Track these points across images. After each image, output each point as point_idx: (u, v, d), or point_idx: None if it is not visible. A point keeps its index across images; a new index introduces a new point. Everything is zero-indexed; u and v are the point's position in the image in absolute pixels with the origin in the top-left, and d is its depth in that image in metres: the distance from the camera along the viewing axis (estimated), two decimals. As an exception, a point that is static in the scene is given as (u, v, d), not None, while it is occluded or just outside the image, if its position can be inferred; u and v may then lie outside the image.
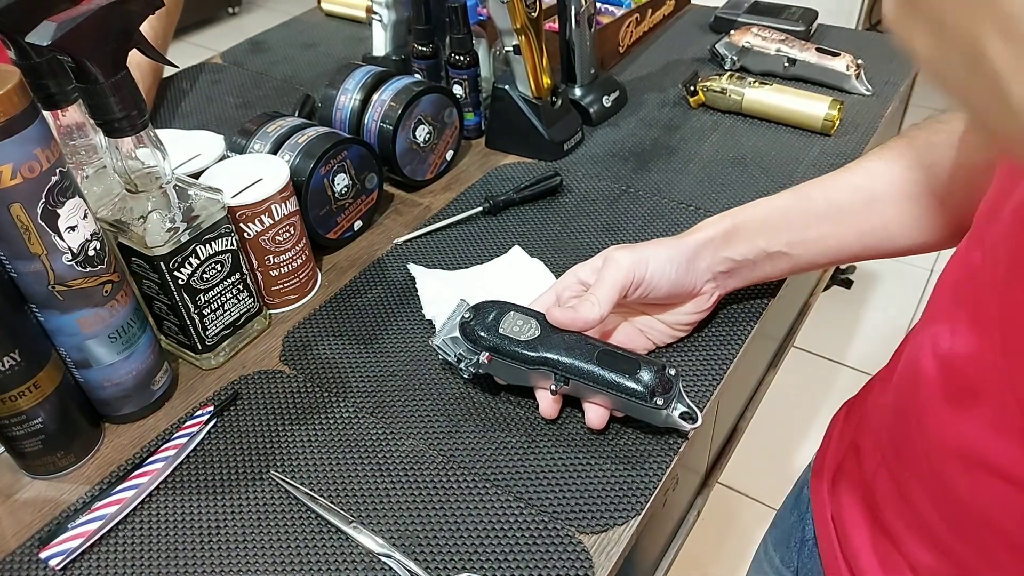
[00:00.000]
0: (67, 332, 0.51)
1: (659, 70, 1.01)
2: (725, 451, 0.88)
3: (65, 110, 0.56)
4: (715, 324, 0.62)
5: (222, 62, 1.10)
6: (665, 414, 0.50)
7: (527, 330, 0.53)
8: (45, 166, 0.45)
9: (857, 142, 0.84)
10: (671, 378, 0.51)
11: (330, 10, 1.21)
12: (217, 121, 0.94)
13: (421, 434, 0.55)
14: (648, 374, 0.50)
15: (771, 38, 0.96)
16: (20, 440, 0.51)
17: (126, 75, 0.48)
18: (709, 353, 0.60)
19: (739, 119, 0.90)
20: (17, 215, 0.45)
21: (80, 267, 0.49)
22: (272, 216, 0.61)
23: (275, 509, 0.50)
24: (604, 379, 0.50)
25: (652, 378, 0.50)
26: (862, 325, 1.85)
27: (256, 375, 0.60)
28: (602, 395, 0.51)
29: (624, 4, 1.08)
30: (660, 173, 0.81)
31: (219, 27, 3.42)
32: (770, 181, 0.79)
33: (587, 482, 0.51)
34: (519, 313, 0.54)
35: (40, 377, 0.49)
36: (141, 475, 0.52)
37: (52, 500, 0.52)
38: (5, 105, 0.42)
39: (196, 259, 0.55)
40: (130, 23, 0.48)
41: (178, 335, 0.59)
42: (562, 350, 0.51)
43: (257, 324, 0.64)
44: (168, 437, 0.55)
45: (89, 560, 0.48)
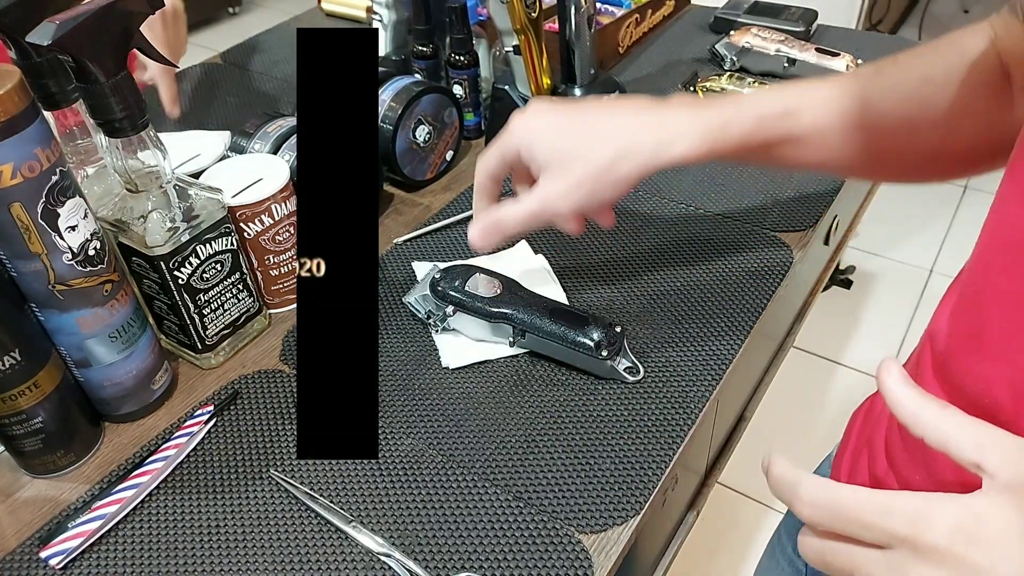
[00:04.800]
0: (67, 331, 0.51)
1: (659, 70, 1.01)
2: (725, 451, 0.88)
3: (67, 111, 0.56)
4: (715, 324, 0.62)
5: (222, 62, 1.10)
6: (610, 366, 0.56)
7: (490, 289, 0.59)
8: (45, 166, 0.45)
9: (857, 142, 0.84)
10: (617, 335, 0.57)
11: (330, 10, 1.21)
12: (217, 121, 0.94)
13: (421, 433, 0.55)
14: (597, 331, 0.56)
15: (771, 38, 0.96)
16: (20, 439, 0.51)
17: (126, 75, 0.48)
18: (709, 353, 0.60)
19: (739, 119, 0.90)
20: (17, 215, 0.45)
21: (80, 267, 0.49)
22: (272, 216, 0.61)
23: (275, 509, 0.50)
24: (556, 333, 0.56)
25: (600, 334, 0.56)
26: (861, 325, 1.85)
27: (256, 375, 0.60)
28: (555, 348, 0.57)
29: (624, 4, 1.08)
30: (659, 173, 0.81)
31: (219, 27, 3.42)
32: (770, 181, 0.79)
33: (586, 482, 0.51)
34: (484, 275, 0.61)
35: (40, 376, 0.49)
36: (141, 474, 0.52)
37: (52, 499, 0.52)
38: (5, 105, 0.42)
39: (196, 259, 0.56)
40: (130, 23, 0.48)
41: (178, 335, 0.59)
42: (520, 307, 0.58)
43: (257, 324, 0.64)
44: (168, 436, 0.55)
45: (89, 559, 0.48)
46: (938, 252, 2.02)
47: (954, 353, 0.41)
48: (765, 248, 0.70)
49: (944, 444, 0.31)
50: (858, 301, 1.91)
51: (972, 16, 3.03)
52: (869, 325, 1.85)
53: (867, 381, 1.65)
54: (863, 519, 0.31)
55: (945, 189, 2.21)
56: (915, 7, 3.06)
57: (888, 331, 1.82)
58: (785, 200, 0.76)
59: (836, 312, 1.86)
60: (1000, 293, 0.37)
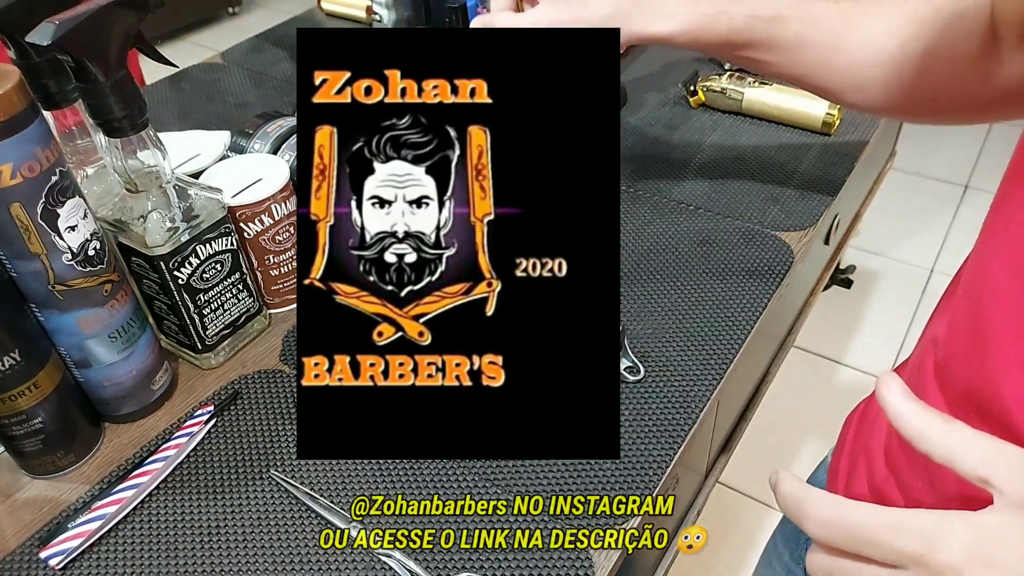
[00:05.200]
0: (67, 332, 0.51)
1: (659, 70, 1.01)
2: (725, 451, 0.87)
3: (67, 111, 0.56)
4: (715, 323, 0.62)
5: (222, 62, 1.10)
6: None
7: None
8: (45, 166, 0.45)
9: (857, 141, 0.84)
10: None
11: (330, 10, 1.21)
12: (217, 121, 0.94)
13: (421, 434, 0.55)
14: None
15: (771, 38, 0.96)
16: (20, 440, 0.51)
17: (126, 75, 0.48)
18: (709, 352, 0.60)
19: (739, 119, 0.90)
20: (17, 215, 0.45)
21: (80, 267, 0.49)
22: (272, 216, 0.61)
23: (275, 509, 0.50)
24: None
25: None
26: (862, 325, 1.85)
27: (256, 375, 0.60)
28: None
29: (624, 4, 1.08)
30: (660, 173, 0.81)
31: (219, 27, 3.42)
32: (770, 181, 0.79)
33: (587, 482, 0.51)
34: None
35: (40, 377, 0.49)
36: (141, 475, 0.52)
37: (52, 500, 0.52)
38: (5, 105, 0.42)
39: (196, 259, 0.55)
40: (130, 23, 0.48)
41: (178, 335, 0.59)
42: None
43: (257, 324, 0.64)
44: (168, 437, 0.55)
45: (89, 559, 0.48)
46: (938, 252, 2.02)
47: (957, 358, 0.41)
48: (765, 248, 0.70)
49: (950, 460, 0.30)
50: (858, 301, 1.91)
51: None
52: (869, 325, 1.85)
53: (867, 381, 1.65)
54: (873, 537, 0.30)
55: (945, 189, 2.21)
56: (915, 7, 3.06)
57: (888, 331, 1.82)
58: (785, 199, 0.76)
59: (836, 312, 1.86)
60: (1001, 293, 0.37)
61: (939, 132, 2.40)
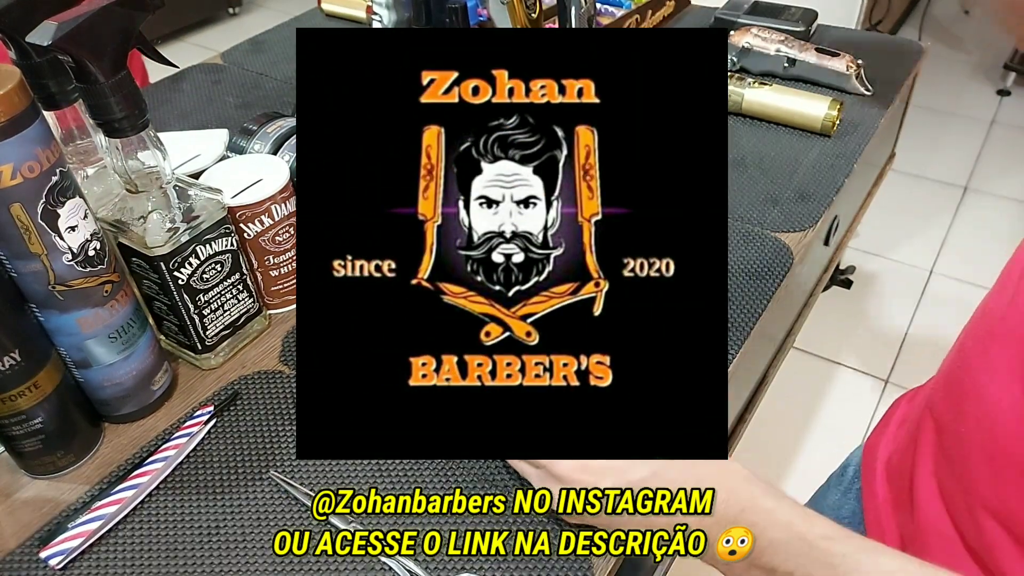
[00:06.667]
0: (67, 332, 0.51)
1: (659, 70, 1.01)
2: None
3: (67, 111, 0.56)
4: (715, 324, 0.62)
5: (222, 62, 1.10)
6: None
7: None
8: (45, 166, 0.45)
9: (857, 142, 0.84)
10: None
11: (330, 10, 1.21)
12: (217, 121, 0.94)
13: (421, 434, 0.55)
14: None
15: (771, 39, 0.96)
16: (20, 440, 0.51)
17: (126, 75, 0.48)
18: (709, 353, 0.60)
19: (739, 119, 0.90)
20: (17, 215, 0.45)
21: (80, 267, 0.49)
22: (272, 216, 0.61)
23: (275, 509, 0.50)
24: None
25: None
26: (862, 325, 1.85)
27: (256, 375, 0.60)
28: None
29: (624, 5, 1.08)
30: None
31: (219, 27, 3.42)
32: (770, 182, 0.79)
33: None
34: None
35: (40, 377, 0.49)
36: (141, 475, 0.52)
37: (52, 500, 0.52)
38: (5, 105, 0.42)
39: (196, 259, 0.56)
40: (130, 23, 0.48)
41: (178, 335, 0.59)
42: None
43: (257, 324, 0.64)
44: (168, 437, 0.55)
45: (89, 560, 0.48)
46: (938, 252, 2.02)
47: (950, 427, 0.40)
48: (765, 249, 0.70)
49: None
50: (858, 301, 1.91)
51: (972, 18, 3.04)
52: (869, 325, 1.85)
53: (867, 381, 1.65)
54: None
55: (945, 189, 2.21)
56: (915, 7, 3.07)
57: (888, 331, 1.82)
58: (785, 200, 0.76)
59: (836, 312, 1.86)
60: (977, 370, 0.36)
61: (939, 134, 2.40)
